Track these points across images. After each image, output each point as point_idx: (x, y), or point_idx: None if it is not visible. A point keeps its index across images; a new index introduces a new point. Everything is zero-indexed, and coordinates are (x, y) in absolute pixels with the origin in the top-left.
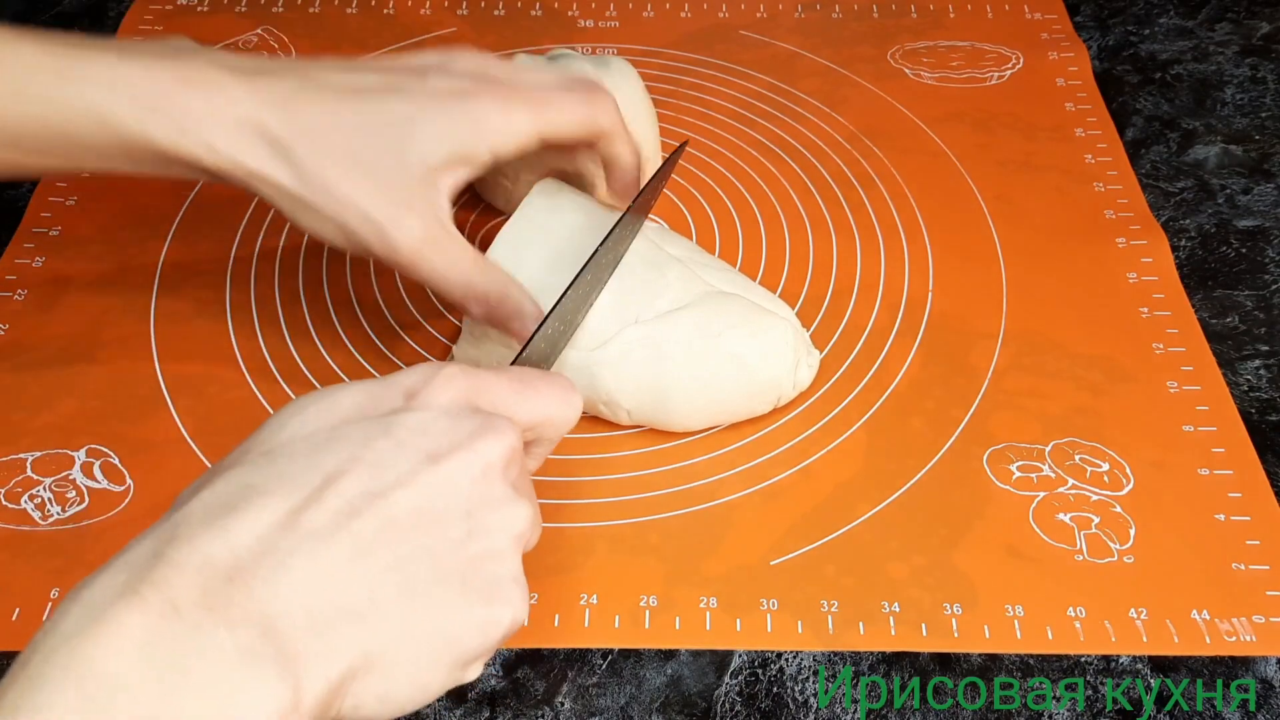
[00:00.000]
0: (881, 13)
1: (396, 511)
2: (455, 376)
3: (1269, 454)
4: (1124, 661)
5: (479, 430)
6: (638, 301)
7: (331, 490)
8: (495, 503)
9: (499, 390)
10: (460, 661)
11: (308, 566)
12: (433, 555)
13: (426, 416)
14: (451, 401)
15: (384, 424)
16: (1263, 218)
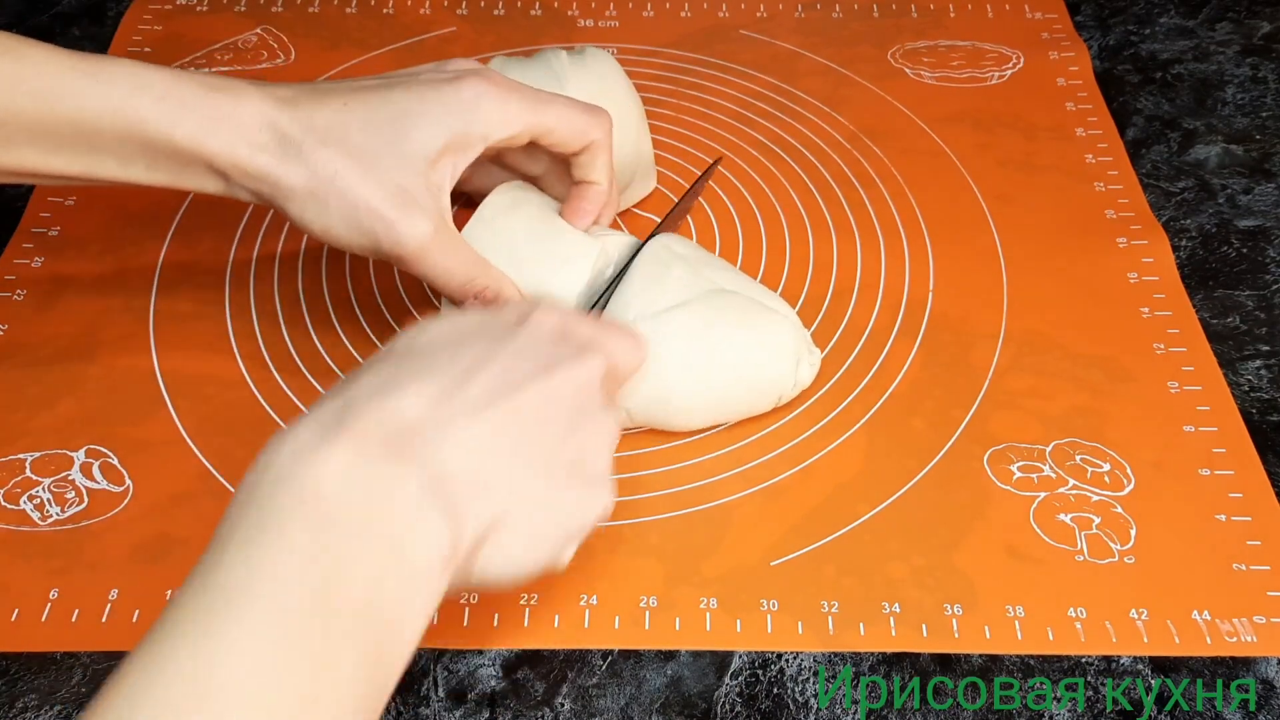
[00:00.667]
0: (882, 12)
1: (523, 402)
2: (551, 311)
3: (1270, 454)
4: (1124, 662)
5: (577, 354)
6: (642, 299)
7: (473, 378)
8: (592, 409)
9: (587, 327)
10: (566, 535)
11: (462, 435)
12: (549, 442)
13: (536, 337)
14: (552, 328)
15: (505, 337)
16: (1263, 217)
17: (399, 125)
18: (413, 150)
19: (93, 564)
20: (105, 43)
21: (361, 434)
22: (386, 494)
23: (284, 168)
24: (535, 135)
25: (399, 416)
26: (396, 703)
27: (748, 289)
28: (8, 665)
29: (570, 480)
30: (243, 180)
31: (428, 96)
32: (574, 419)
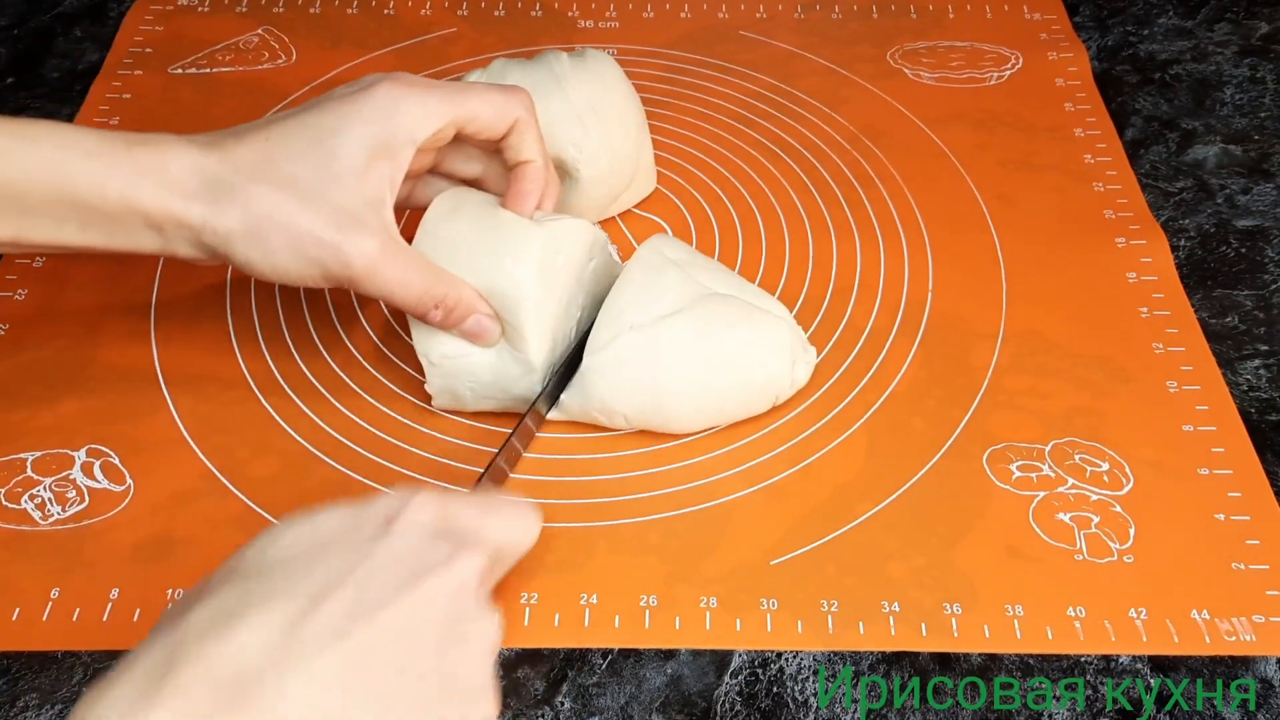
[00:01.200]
0: (881, 13)
1: (382, 627)
2: (428, 503)
3: (1269, 454)
4: (1124, 661)
5: (453, 553)
6: (635, 307)
7: (322, 607)
8: (470, 616)
9: (466, 514)
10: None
11: (307, 677)
12: (415, 666)
13: (405, 541)
14: (425, 525)
15: (366, 548)
16: (1262, 217)
17: (324, 147)
18: (342, 169)
19: (93, 563)
20: (107, 42)
21: (187, 689)
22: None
23: (218, 212)
24: (459, 125)
25: (234, 660)
26: None
27: (740, 291)
28: (8, 664)
29: (442, 702)
30: (178, 232)
31: (344, 112)
32: (446, 632)
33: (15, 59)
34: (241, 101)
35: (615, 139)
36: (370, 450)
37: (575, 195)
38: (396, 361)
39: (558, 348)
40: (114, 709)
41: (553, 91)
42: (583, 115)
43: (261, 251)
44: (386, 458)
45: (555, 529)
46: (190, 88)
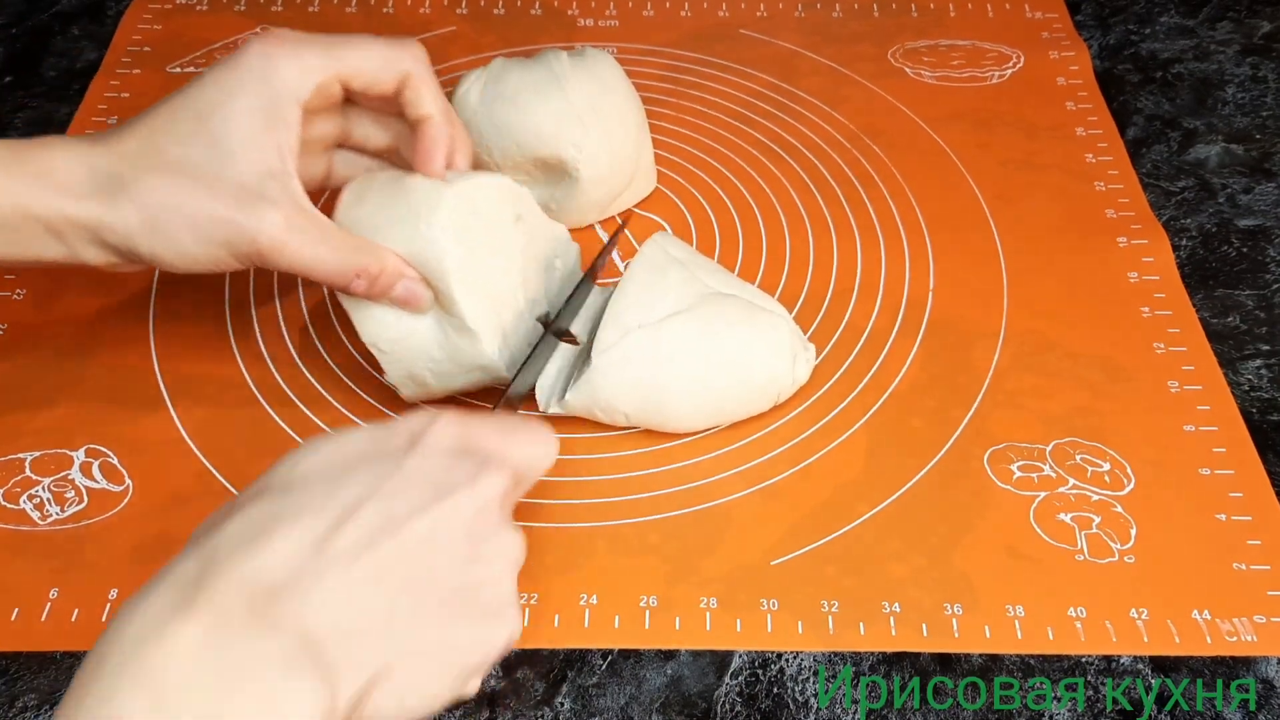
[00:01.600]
0: (882, 12)
1: (408, 539)
2: (452, 423)
3: (1270, 453)
4: (1125, 661)
5: (476, 470)
6: (640, 306)
7: (351, 520)
8: (493, 533)
9: (488, 435)
10: (465, 673)
11: (336, 586)
12: (440, 578)
13: (429, 459)
14: (450, 445)
15: (394, 462)
16: (1264, 217)
17: (208, 124)
18: (231, 144)
19: (92, 563)
20: (105, 42)
21: (220, 599)
22: (246, 669)
23: (113, 209)
24: (343, 79)
25: (264, 576)
26: None
27: (740, 290)
28: (8, 665)
29: (467, 615)
30: (78, 235)
31: (222, 83)
32: (470, 548)
33: (13, 58)
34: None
35: (615, 139)
36: None
37: (575, 195)
38: None
39: (504, 311)
40: (148, 617)
41: (553, 91)
42: (583, 115)
43: (165, 242)
44: None
45: (555, 529)
46: None
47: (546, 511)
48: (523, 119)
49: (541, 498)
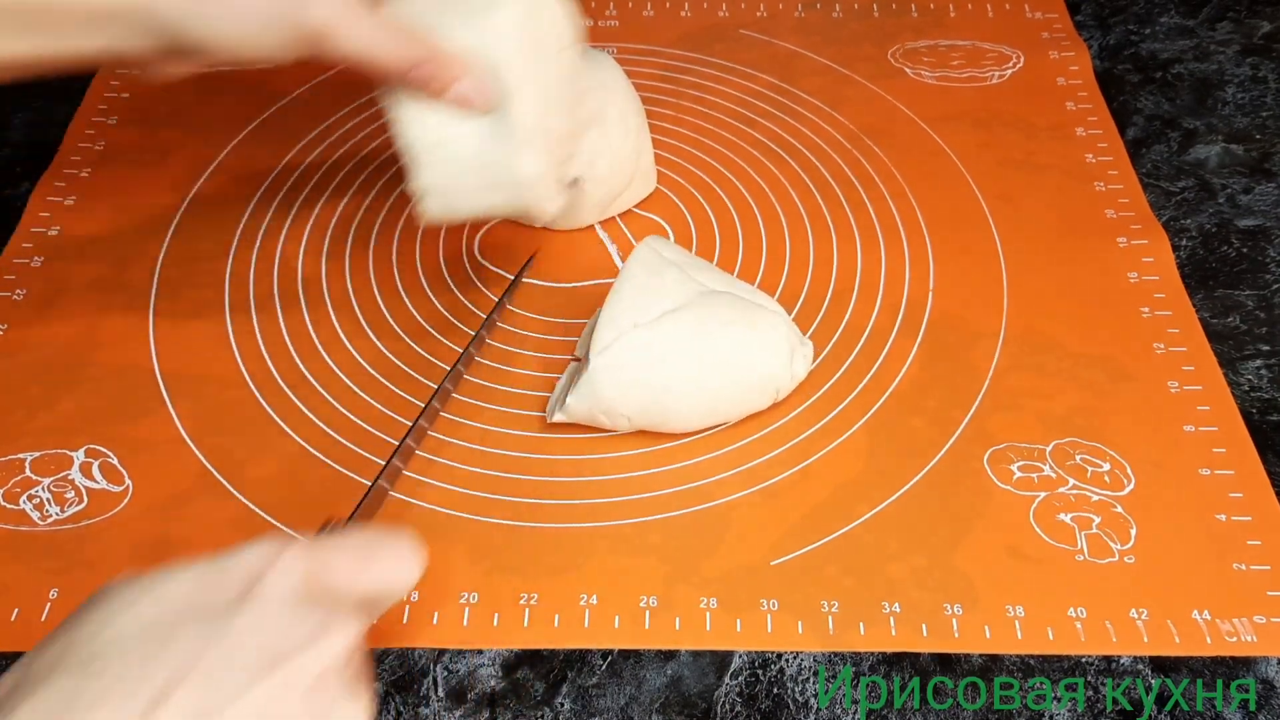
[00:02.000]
0: (882, 12)
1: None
2: (296, 560)
3: (1270, 454)
4: (1124, 662)
5: (319, 630)
6: (638, 306)
7: (164, 709)
8: (331, 707)
9: (340, 568)
10: None
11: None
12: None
13: (264, 614)
14: (291, 589)
15: (218, 626)
16: (1264, 217)
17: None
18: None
19: (92, 563)
20: None
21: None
22: None
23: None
24: None
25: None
26: (396, 702)
27: (736, 289)
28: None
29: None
30: (125, 18)
31: None
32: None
33: None
34: (240, 100)
35: (615, 139)
36: (369, 450)
37: (575, 195)
38: (396, 362)
39: (549, 132)
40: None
41: None
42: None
43: (216, 22)
44: (385, 458)
45: (555, 529)
46: (189, 87)
47: (546, 512)
48: None
49: (542, 497)
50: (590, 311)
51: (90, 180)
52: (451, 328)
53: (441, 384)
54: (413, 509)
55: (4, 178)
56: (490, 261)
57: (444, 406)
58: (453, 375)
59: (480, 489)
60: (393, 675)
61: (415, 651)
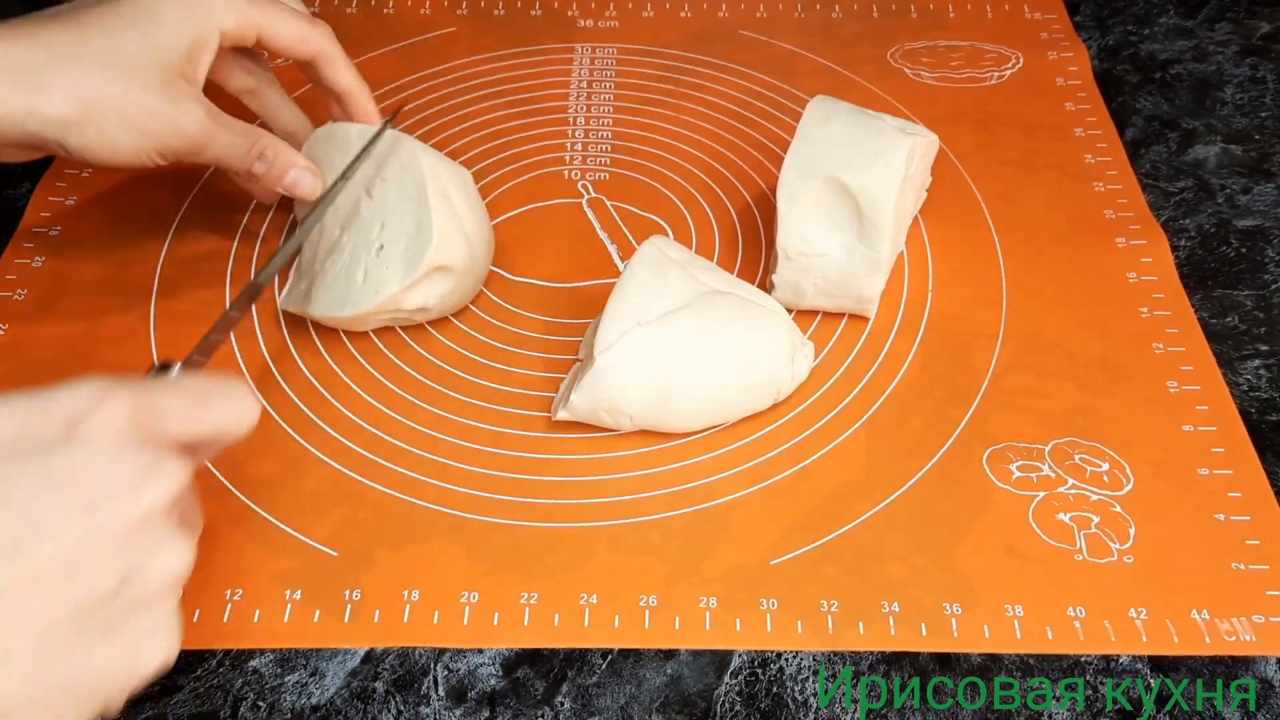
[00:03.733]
0: (881, 12)
1: (41, 562)
2: (122, 404)
3: (1269, 454)
4: (1124, 661)
5: (143, 474)
6: (640, 304)
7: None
8: (153, 549)
9: (171, 412)
10: (98, 705)
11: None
12: (78, 606)
13: (85, 456)
14: (117, 433)
15: (37, 464)
16: (1262, 217)
17: (140, 23)
18: (163, 42)
19: None
20: None
21: None
22: None
23: (43, 99)
24: (260, 31)
25: None
26: (396, 701)
27: (737, 289)
28: None
29: (107, 642)
30: (7, 130)
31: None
32: (128, 563)
33: None
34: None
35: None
36: (369, 450)
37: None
38: (396, 362)
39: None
40: None
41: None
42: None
43: (97, 133)
44: (385, 457)
45: (555, 529)
46: None
47: (546, 511)
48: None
49: (542, 497)
50: (591, 312)
51: (91, 180)
52: (452, 327)
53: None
54: (413, 508)
55: (4, 178)
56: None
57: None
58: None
59: (480, 489)
60: (393, 674)
61: (415, 651)
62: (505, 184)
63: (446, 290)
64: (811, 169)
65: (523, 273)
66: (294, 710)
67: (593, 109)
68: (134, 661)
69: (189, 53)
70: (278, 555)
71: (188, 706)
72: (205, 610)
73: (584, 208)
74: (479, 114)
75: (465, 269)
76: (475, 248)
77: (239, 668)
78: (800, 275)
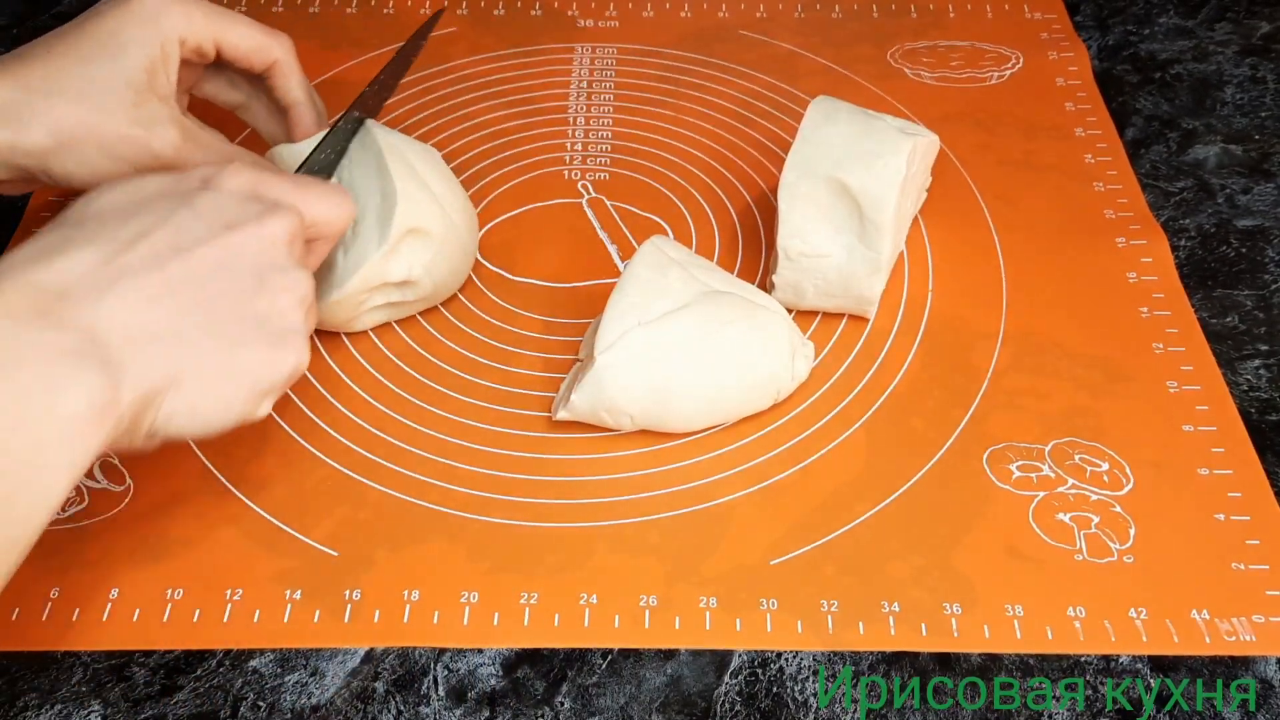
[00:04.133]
0: (881, 12)
1: (197, 263)
2: (244, 169)
3: (1269, 454)
4: (1124, 661)
5: (265, 211)
6: (641, 304)
7: (143, 242)
8: (280, 268)
9: (280, 185)
10: (254, 393)
11: (125, 295)
12: (229, 301)
13: (220, 196)
14: (240, 188)
15: (185, 198)
16: (1262, 217)
17: (108, 49)
18: (131, 67)
19: (93, 563)
20: None
21: (6, 300)
22: (24, 355)
23: (24, 133)
24: (218, 42)
25: (53, 281)
26: (397, 701)
27: (738, 289)
28: (8, 665)
29: (255, 339)
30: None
31: (117, 15)
32: (259, 277)
33: None
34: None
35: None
36: (369, 450)
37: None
38: (396, 362)
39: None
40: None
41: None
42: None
43: (78, 161)
44: (385, 457)
45: (555, 529)
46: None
47: (546, 511)
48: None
49: (542, 497)
50: (591, 312)
51: None
52: (452, 327)
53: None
54: (413, 508)
55: None
56: (490, 261)
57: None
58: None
59: (481, 489)
60: (393, 674)
61: (415, 650)
62: (505, 184)
63: (428, 258)
64: (812, 170)
65: (523, 273)
66: (294, 710)
67: (593, 109)
68: (275, 359)
69: (154, 68)
70: (278, 555)
71: (188, 706)
72: (205, 610)
73: (584, 208)
74: (479, 114)
75: (443, 235)
76: (452, 215)
77: (239, 668)
78: (801, 276)
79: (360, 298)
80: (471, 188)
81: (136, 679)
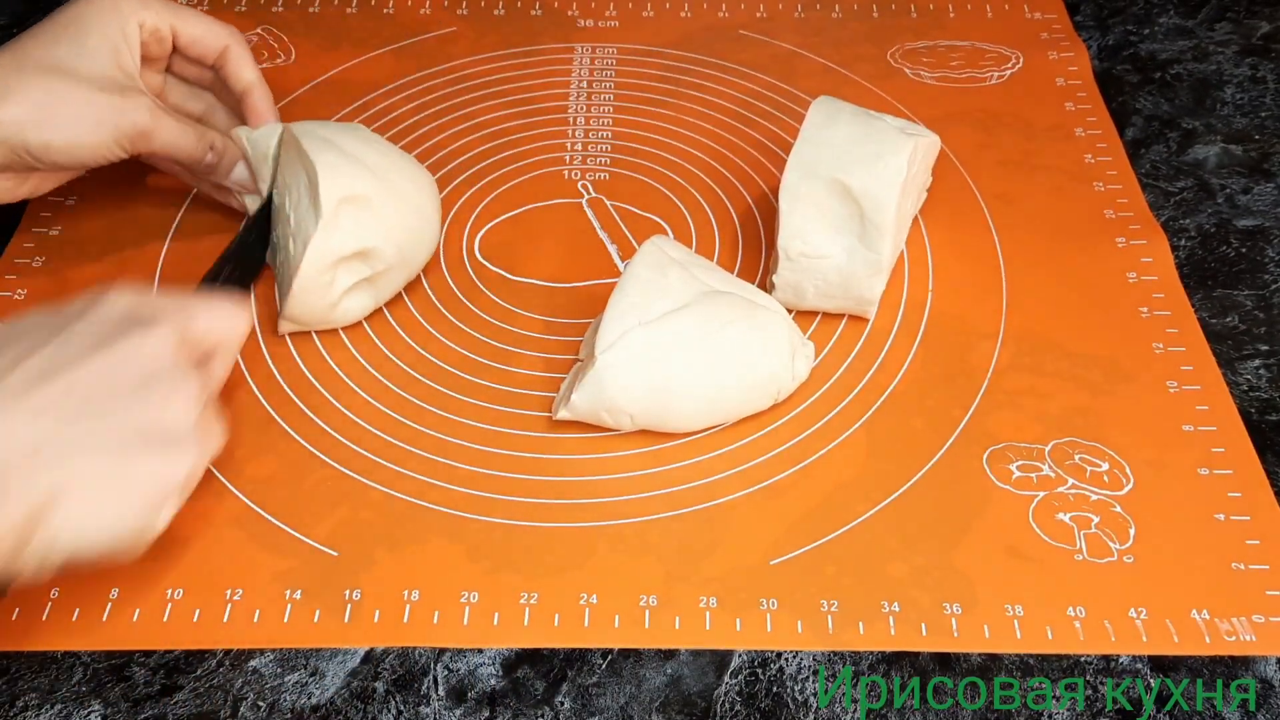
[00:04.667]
0: (881, 12)
1: (77, 379)
2: (124, 294)
3: (1269, 454)
4: (1124, 661)
5: (144, 328)
6: (641, 303)
7: (19, 367)
8: (166, 374)
9: (159, 303)
10: (147, 501)
11: (3, 415)
12: (113, 411)
13: (98, 320)
14: (118, 312)
15: (62, 326)
16: (1262, 217)
17: (70, 30)
18: (95, 45)
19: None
20: None
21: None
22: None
23: (3, 109)
24: (175, 31)
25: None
26: (396, 701)
27: (738, 289)
28: (8, 664)
29: (145, 445)
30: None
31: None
32: (144, 385)
33: None
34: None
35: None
36: (369, 450)
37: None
38: (396, 361)
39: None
40: None
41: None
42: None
43: (55, 131)
44: (385, 458)
45: (555, 529)
46: None
47: (546, 511)
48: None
49: (542, 497)
50: (591, 312)
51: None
52: (452, 328)
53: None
54: (413, 508)
55: None
56: (490, 261)
57: None
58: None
59: (480, 489)
60: (393, 674)
61: (415, 651)
62: (505, 184)
63: (375, 225)
64: (814, 170)
65: (523, 273)
66: (294, 710)
67: (593, 109)
68: (168, 465)
69: (117, 47)
70: (278, 555)
71: (188, 706)
72: (205, 610)
73: (584, 208)
74: (479, 114)
75: (382, 199)
76: (391, 179)
77: (239, 668)
78: (801, 276)
79: (324, 279)
80: (472, 188)
81: (136, 679)
